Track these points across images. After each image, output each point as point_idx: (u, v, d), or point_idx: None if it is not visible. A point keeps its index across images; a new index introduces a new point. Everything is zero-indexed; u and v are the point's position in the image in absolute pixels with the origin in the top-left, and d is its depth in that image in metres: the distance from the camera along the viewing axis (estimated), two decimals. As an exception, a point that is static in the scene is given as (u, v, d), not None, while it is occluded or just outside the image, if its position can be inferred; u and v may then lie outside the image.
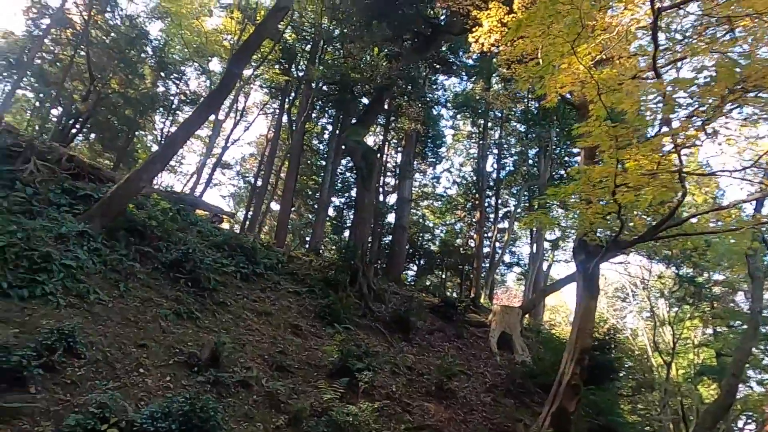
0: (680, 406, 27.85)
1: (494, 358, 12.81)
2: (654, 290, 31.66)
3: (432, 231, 37.14)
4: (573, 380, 8.64)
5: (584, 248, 9.18)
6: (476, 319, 14.75)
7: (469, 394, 10.54)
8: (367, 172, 14.05)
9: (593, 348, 17.02)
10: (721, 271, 29.11)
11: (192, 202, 14.94)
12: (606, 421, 12.33)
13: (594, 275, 9.03)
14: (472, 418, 9.64)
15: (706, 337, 30.79)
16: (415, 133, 22.97)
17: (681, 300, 27.94)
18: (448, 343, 12.86)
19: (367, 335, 11.66)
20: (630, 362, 33.42)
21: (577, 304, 9.24)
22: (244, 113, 32.29)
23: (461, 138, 36.22)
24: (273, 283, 12.18)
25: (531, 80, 9.05)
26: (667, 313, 30.09)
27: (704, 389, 31.86)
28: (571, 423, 8.57)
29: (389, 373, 10.15)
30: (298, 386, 8.61)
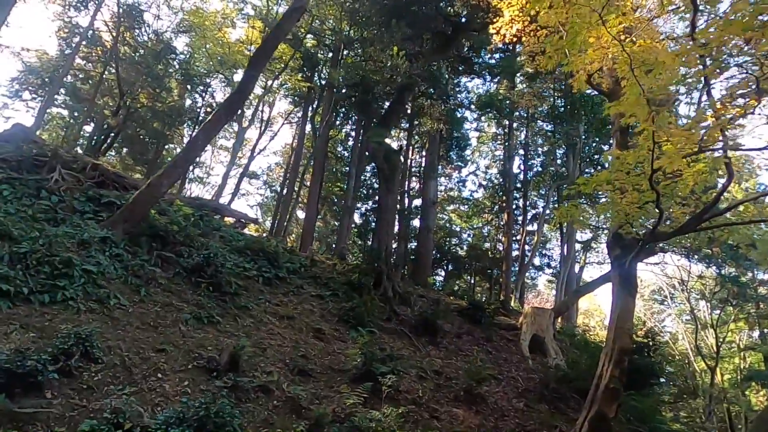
0: (726, 414, 26.46)
1: (526, 362, 12.26)
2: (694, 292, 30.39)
3: (459, 235, 36.65)
4: (612, 383, 8.07)
5: (619, 242, 8.65)
6: (506, 322, 14.21)
7: (500, 399, 10.05)
8: (390, 174, 13.77)
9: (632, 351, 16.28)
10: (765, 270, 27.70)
11: (215, 207, 14.93)
12: (648, 429, 11.64)
13: (631, 271, 8.47)
14: (503, 424, 9.16)
15: (752, 341, 29.32)
16: (439, 134, 22.63)
17: (723, 301, 26.70)
18: (477, 346, 12.37)
19: (392, 339, 11.31)
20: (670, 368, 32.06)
21: (613, 303, 8.68)
22: (269, 123, 32.63)
23: (486, 140, 35.71)
24: (296, 287, 11.98)
25: (557, 55, 8.61)
26: (708, 316, 28.80)
27: (753, 395, 30.23)
28: (611, 429, 8.01)
29: (415, 378, 9.76)
30: (320, 391, 8.32)
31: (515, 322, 14.18)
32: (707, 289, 29.08)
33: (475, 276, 34.00)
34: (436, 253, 31.29)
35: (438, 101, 17.95)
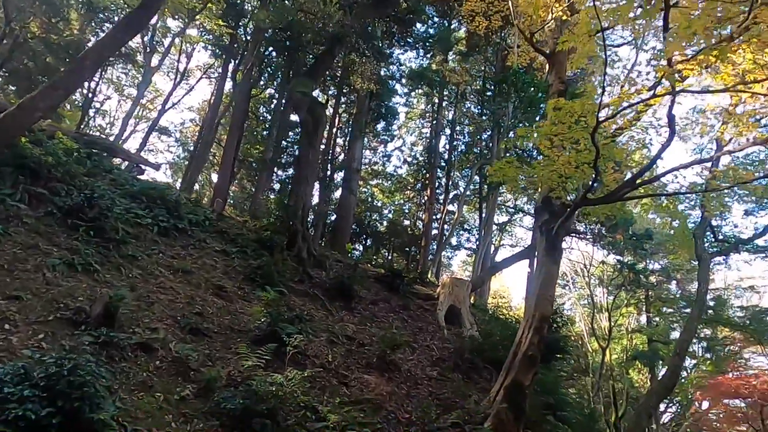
0: (611, 390, 28.48)
1: (442, 332, 11.90)
2: (594, 277, 32.21)
3: (380, 211, 36.20)
4: (530, 351, 7.77)
5: (548, 207, 8.31)
6: (424, 291, 13.81)
7: (414, 367, 9.53)
8: (313, 128, 12.66)
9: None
10: (658, 261, 29.93)
11: (108, 147, 12.98)
12: (553, 400, 11.77)
13: (557, 238, 8.17)
14: (416, 392, 8.64)
15: (639, 324, 31.65)
16: (368, 101, 21.70)
17: (619, 287, 28.44)
18: (392, 314, 11.80)
19: (304, 301, 10.40)
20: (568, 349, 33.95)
21: (537, 268, 8.36)
22: (186, 75, 29.83)
23: (414, 117, 35.34)
24: (197, 241, 10.64)
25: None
26: (605, 300, 30.65)
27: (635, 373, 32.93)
28: (526, 397, 7.71)
29: (326, 342, 8.96)
30: (214, 352, 7.26)
31: (433, 292, 13.81)
32: (606, 275, 30.92)
33: (393, 252, 33.83)
34: (355, 227, 30.64)
35: (370, 58, 16.96)
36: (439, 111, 28.31)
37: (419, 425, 7.51)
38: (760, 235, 17.32)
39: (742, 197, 19.15)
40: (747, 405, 21.57)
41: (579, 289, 34.93)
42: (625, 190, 7.36)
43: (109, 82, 31.85)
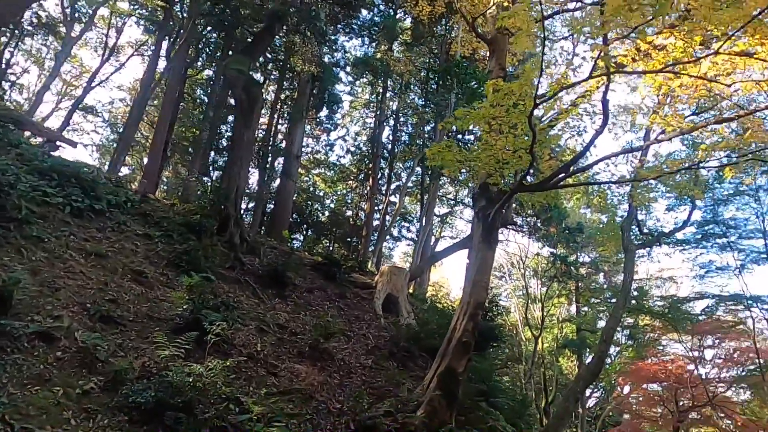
0: (542, 377, 29.61)
1: (378, 320, 11.71)
2: (529, 269, 33.30)
3: (322, 200, 35.63)
4: (464, 337, 7.71)
5: (486, 193, 8.26)
6: (362, 280, 13.56)
7: (348, 356, 9.27)
8: (249, 107, 12.01)
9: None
10: (588, 253, 31.31)
11: (17, 119, 11.73)
12: (487, 386, 11.92)
13: (493, 224, 8.14)
14: (349, 381, 8.39)
15: (569, 314, 33.04)
16: (309, 86, 21.10)
17: (552, 278, 29.51)
18: (328, 302, 11.47)
19: (234, 289, 9.86)
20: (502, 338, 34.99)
21: (473, 255, 8.31)
22: (115, 51, 27.86)
23: (358, 106, 35.00)
24: (116, 223, 9.80)
25: None
26: (538, 291, 31.74)
27: (564, 361, 34.46)
28: (459, 384, 7.65)
29: (255, 331, 8.51)
30: (128, 342, 6.65)
31: (371, 281, 13.59)
32: (540, 267, 32.02)
33: (335, 243, 33.45)
34: (296, 217, 29.97)
35: (311, 40, 16.38)
36: (383, 101, 28.11)
37: (350, 415, 7.27)
38: (680, 229, 18.40)
39: (665, 193, 20.29)
40: (663, 388, 22.99)
41: (515, 280, 36.06)
42: (559, 177, 7.42)
43: (28, 54, 29.31)
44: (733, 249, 17.76)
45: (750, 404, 23.46)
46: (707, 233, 18.65)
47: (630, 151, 7.09)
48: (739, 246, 17.71)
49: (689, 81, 5.81)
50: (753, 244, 17.32)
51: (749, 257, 17.49)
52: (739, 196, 17.14)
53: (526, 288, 32.93)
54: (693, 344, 21.80)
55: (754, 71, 5.03)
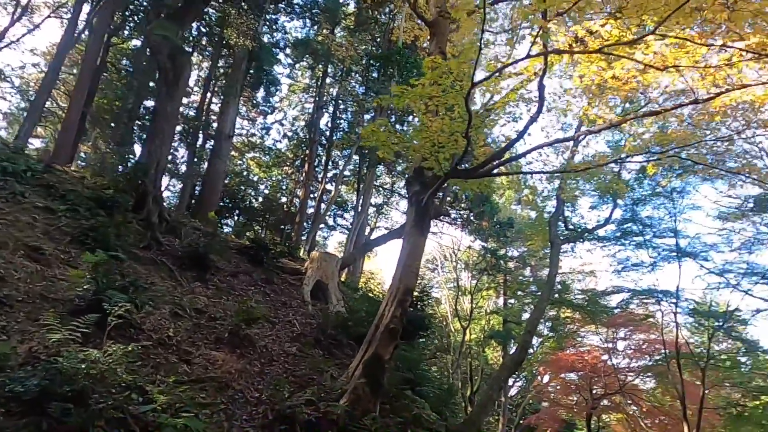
0: (469, 367, 30.42)
1: (306, 307, 11.31)
2: (461, 262, 34.03)
3: (256, 186, 34.44)
4: (392, 324, 7.50)
5: (420, 178, 8.07)
6: (291, 266, 13.07)
7: (271, 343, 8.83)
8: (174, 77, 11.12)
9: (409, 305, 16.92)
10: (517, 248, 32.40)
11: None
12: (414, 375, 11.88)
13: (426, 210, 7.98)
14: (271, 369, 7.96)
15: (497, 306, 34.11)
16: (246, 61, 20.13)
17: (481, 271, 30.28)
18: (253, 287, 10.91)
19: (148, 270, 9.09)
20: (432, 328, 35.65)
21: (404, 240, 8.12)
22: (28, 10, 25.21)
23: (298, 90, 34.07)
24: (12, 194, 8.73)
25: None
26: (468, 284, 32.50)
27: (490, 352, 35.61)
28: (384, 371, 7.44)
29: (169, 315, 7.86)
30: (14, 324, 5.86)
31: (300, 267, 13.14)
32: (471, 260, 32.77)
33: (267, 229, 32.46)
34: (227, 201, 28.75)
35: (247, 12, 15.52)
36: (322, 86, 27.46)
37: (269, 404, 6.86)
38: (602, 226, 19.36)
39: (589, 192, 21.28)
40: (579, 377, 24.25)
41: (447, 272, 36.75)
42: (493, 165, 7.36)
43: None
44: (648, 247, 18.88)
45: (654, 391, 25.26)
46: (626, 231, 19.71)
47: (563, 140, 7.17)
48: (653, 244, 18.85)
49: (621, 73, 5.87)
50: (665, 243, 18.48)
51: (661, 255, 18.66)
52: (656, 197, 18.20)
53: (457, 280, 33.60)
54: (608, 336, 23.14)
55: (684, 61, 5.13)
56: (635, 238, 19.67)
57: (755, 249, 16.24)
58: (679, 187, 17.38)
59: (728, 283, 16.86)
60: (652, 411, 23.27)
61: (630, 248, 19.70)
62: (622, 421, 26.73)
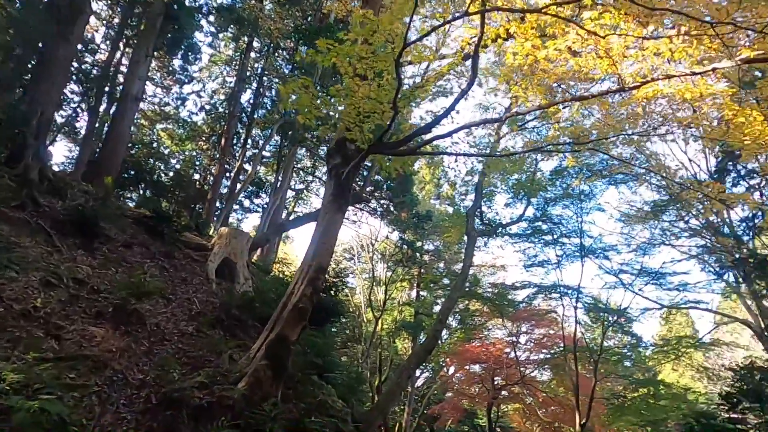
0: (378, 357, 30.51)
1: (210, 285, 10.41)
2: (377, 252, 34.04)
3: (167, 159, 32.05)
4: (301, 303, 6.96)
5: (342, 150, 7.58)
6: (197, 241, 12.02)
7: (165, 321, 7.94)
8: (68, 15, 9.69)
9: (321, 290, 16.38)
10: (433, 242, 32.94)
11: None
12: (323, 361, 11.43)
13: (347, 184, 7.50)
14: (161, 349, 7.12)
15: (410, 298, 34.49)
16: (161, 19, 18.38)
17: (398, 263, 30.44)
18: (150, 260, 9.83)
19: (19, 232, 7.81)
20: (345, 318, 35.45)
21: (320, 216, 7.59)
22: None
23: (219, 62, 32.11)
24: None
25: None
26: (384, 274, 32.57)
27: (400, 343, 36.00)
28: (290, 354, 6.89)
29: (39, 284, 6.75)
30: None
31: (207, 243, 12.13)
32: (388, 251, 32.86)
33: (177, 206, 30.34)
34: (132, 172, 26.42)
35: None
36: (246, 58, 25.97)
37: (154, 387, 6.08)
38: (515, 222, 20.02)
39: (505, 190, 21.97)
40: (483, 369, 25.11)
41: (363, 263, 36.61)
42: (419, 141, 7.04)
43: None
44: (555, 245, 19.78)
45: (550, 383, 26.81)
46: (536, 229, 20.52)
47: (490, 121, 7.03)
48: (560, 243, 19.78)
49: (554, 54, 5.75)
50: (571, 242, 19.46)
51: (566, 253, 19.65)
52: (566, 198, 19.09)
53: (372, 270, 33.56)
54: (512, 329, 24.14)
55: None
56: (544, 236, 20.59)
57: (649, 251, 17.52)
58: (587, 190, 18.34)
59: (622, 283, 18.12)
60: (546, 401, 24.65)
61: (539, 246, 20.57)
62: (519, 410, 28.14)
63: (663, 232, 17.07)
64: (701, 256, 17.82)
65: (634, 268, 17.87)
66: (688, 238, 17.92)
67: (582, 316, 20.61)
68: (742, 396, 14.15)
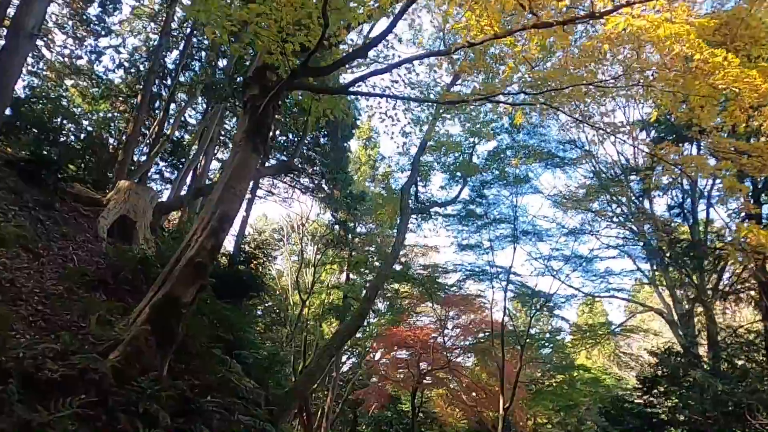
0: (303, 341, 29.35)
1: (99, 244, 8.78)
2: (308, 234, 32.82)
3: (77, 120, 28.72)
4: (200, 257, 5.69)
5: (261, 80, 6.32)
6: (89, 195, 10.23)
7: (24, 278, 6.35)
8: None
9: (240, 261, 14.93)
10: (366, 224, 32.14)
11: None
12: (234, 338, 10.18)
13: (264, 120, 6.25)
14: (12, 310, 5.59)
15: (339, 281, 33.58)
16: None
17: (328, 244, 29.39)
18: (20, 208, 8.06)
19: None
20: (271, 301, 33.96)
21: (230, 156, 6.32)
22: None
23: (143, 15, 29.13)
24: None
25: None
26: (314, 256, 31.43)
27: (327, 327, 35.00)
28: (181, 318, 5.61)
29: None
30: None
31: (102, 198, 10.38)
32: (319, 232, 31.69)
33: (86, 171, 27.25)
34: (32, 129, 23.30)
35: None
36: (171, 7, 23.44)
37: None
38: (451, 202, 19.47)
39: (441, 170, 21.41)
40: (409, 354, 24.65)
41: (292, 244, 35.17)
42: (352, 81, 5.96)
43: None
44: (489, 228, 19.47)
45: (474, 369, 26.88)
46: (470, 212, 20.12)
47: (437, 53, 6.11)
48: (493, 227, 19.49)
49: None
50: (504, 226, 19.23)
51: (499, 237, 19.40)
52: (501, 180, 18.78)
53: (302, 252, 32.34)
54: (441, 314, 23.80)
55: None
56: (477, 221, 20.25)
57: (579, 238, 17.56)
58: (523, 172, 18.09)
59: (551, 270, 18.13)
60: (470, 386, 24.61)
61: (472, 228, 20.20)
62: (443, 395, 28.06)
63: (594, 218, 17.15)
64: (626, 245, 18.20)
65: (563, 255, 17.90)
66: (615, 227, 18.20)
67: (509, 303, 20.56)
68: (659, 380, 14.44)
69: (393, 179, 31.43)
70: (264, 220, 43.06)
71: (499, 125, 19.18)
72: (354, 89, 6.35)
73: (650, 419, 14.82)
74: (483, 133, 14.67)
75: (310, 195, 27.54)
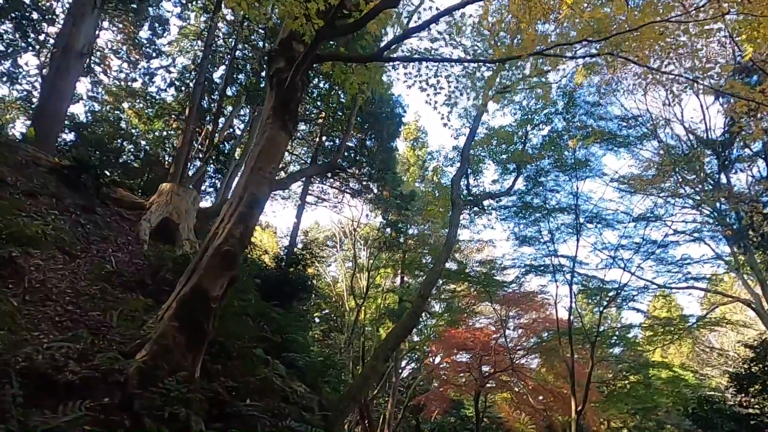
0: (361, 346, 28.88)
1: (140, 247, 8.57)
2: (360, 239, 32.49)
3: (135, 141, 29.90)
4: (228, 245, 5.17)
5: (287, 52, 5.79)
6: (132, 199, 10.13)
7: (57, 278, 6.10)
8: None
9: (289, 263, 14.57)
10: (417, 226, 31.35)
11: None
12: (283, 340, 9.74)
13: (292, 94, 5.70)
14: (40, 310, 5.29)
15: (393, 285, 32.94)
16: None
17: (381, 246, 28.88)
18: (61, 213, 7.94)
19: None
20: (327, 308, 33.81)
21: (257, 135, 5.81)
22: None
23: (190, 34, 30.00)
24: None
25: None
26: (367, 260, 31.02)
27: (384, 331, 34.39)
28: (211, 314, 5.10)
29: None
30: None
31: (144, 202, 10.25)
32: (370, 236, 31.23)
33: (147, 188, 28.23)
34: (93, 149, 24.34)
35: None
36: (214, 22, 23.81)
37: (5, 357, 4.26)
38: (505, 193, 18.37)
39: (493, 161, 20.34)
40: (470, 357, 23.55)
41: (346, 250, 34.96)
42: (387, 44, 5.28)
43: None
44: (546, 220, 18.19)
45: (539, 370, 25.33)
46: (526, 204, 18.91)
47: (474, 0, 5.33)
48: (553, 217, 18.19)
49: None
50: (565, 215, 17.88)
51: (560, 228, 18.07)
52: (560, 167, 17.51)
53: (354, 257, 32.07)
54: (501, 313, 22.57)
55: None
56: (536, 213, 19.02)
57: (649, 224, 16.00)
58: (583, 156, 16.74)
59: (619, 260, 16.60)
60: (537, 388, 23.18)
61: (530, 219, 18.96)
62: (508, 399, 26.67)
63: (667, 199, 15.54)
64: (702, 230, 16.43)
65: (633, 242, 16.33)
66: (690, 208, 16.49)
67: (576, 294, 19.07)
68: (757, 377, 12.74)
69: (443, 174, 30.54)
70: (317, 227, 43.09)
71: (552, 110, 18.00)
72: (389, 56, 5.69)
73: (748, 421, 13.13)
74: (537, 110, 13.53)
75: (359, 198, 27.13)
